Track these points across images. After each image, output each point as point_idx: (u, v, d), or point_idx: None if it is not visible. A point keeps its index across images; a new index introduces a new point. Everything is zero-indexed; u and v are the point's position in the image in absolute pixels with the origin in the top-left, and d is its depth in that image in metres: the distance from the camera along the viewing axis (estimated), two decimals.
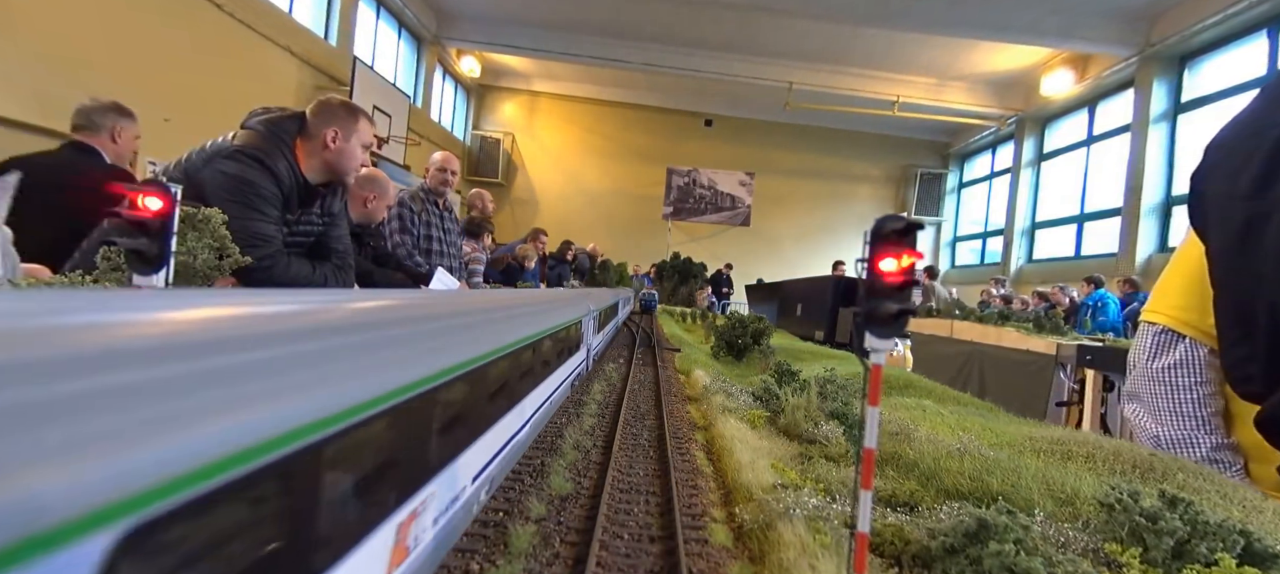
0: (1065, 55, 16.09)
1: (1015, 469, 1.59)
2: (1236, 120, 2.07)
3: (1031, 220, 18.50)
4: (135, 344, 0.46)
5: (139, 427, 0.40)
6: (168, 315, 0.53)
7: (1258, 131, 1.91)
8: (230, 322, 0.59)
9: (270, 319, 0.64)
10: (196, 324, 0.55)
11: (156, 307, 0.55)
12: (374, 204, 4.62)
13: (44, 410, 0.35)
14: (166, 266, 1.34)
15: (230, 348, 0.53)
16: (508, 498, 1.50)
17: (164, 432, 0.42)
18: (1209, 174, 2.06)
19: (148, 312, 0.52)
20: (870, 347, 0.81)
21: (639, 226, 22.96)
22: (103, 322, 0.47)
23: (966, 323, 7.81)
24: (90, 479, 0.36)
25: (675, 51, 17.90)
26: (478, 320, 1.23)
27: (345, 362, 0.66)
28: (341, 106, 3.29)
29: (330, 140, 3.16)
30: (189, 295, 0.70)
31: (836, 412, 2.18)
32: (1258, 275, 1.81)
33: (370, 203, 4.58)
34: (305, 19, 12.47)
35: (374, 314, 0.84)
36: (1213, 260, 2.01)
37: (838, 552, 1.11)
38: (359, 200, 4.47)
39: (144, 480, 0.39)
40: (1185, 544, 1.11)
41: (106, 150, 4.06)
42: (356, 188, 4.50)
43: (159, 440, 0.41)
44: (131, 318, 0.49)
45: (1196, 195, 2.10)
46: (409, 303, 1.02)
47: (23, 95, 6.93)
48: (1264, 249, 1.78)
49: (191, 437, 0.44)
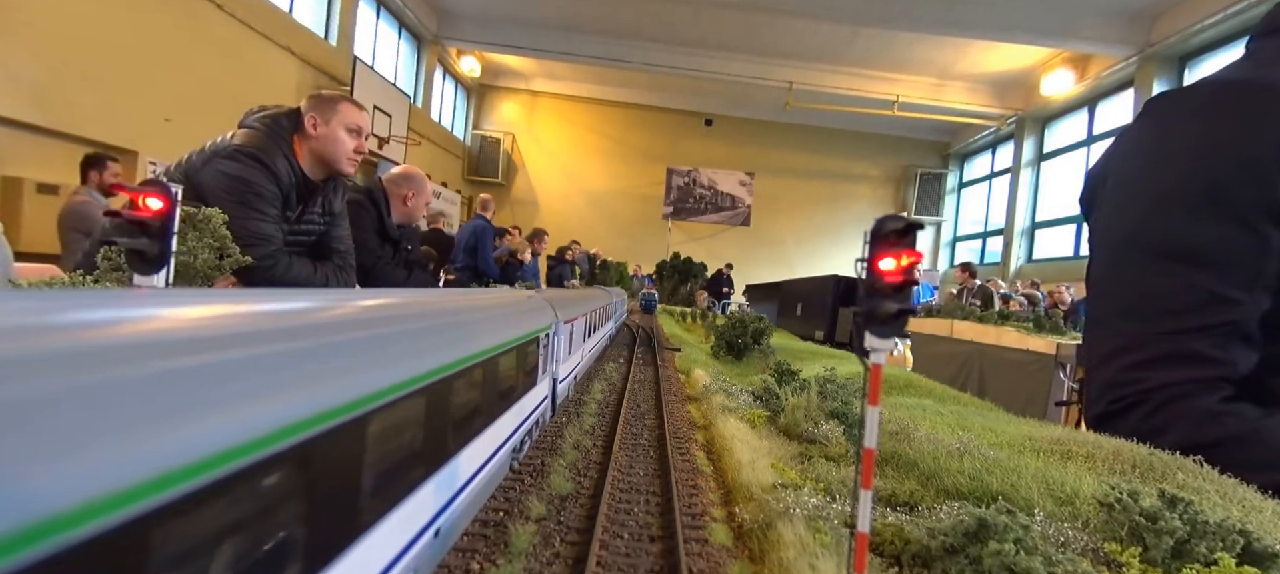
0: (1065, 55, 16.09)
1: (1015, 469, 1.59)
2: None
3: (1031, 220, 18.50)
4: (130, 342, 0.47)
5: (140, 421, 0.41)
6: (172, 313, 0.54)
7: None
8: (230, 319, 0.59)
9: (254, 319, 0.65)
10: (203, 322, 0.56)
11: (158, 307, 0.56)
12: (413, 202, 4.46)
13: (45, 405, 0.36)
14: (167, 266, 1.34)
15: (224, 346, 0.54)
16: (508, 498, 1.50)
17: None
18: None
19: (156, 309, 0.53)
20: (870, 346, 0.81)
21: (639, 226, 22.97)
22: (100, 320, 0.47)
23: (966, 323, 7.81)
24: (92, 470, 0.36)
25: (675, 51, 17.90)
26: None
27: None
28: (321, 95, 3.26)
29: (311, 127, 3.14)
30: (188, 295, 0.71)
31: (836, 411, 2.18)
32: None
33: (409, 200, 4.43)
34: (305, 19, 12.47)
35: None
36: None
37: (838, 551, 1.11)
38: (398, 199, 4.38)
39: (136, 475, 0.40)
40: (1185, 544, 1.11)
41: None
42: (393, 187, 4.42)
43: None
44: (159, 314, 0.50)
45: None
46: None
47: (23, 95, 6.93)
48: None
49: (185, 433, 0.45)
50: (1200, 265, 1.93)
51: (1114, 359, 2.11)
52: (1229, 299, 1.89)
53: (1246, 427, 1.82)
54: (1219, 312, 1.89)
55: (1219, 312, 1.89)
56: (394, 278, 4.34)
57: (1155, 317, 2.01)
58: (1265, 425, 1.82)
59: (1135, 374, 2.02)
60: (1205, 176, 1.95)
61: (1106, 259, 2.24)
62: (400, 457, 0.88)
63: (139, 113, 8.35)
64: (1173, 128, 2.14)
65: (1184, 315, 1.94)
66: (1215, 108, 2.07)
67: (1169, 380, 1.94)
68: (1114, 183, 2.23)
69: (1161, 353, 1.97)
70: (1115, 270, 2.20)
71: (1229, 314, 1.89)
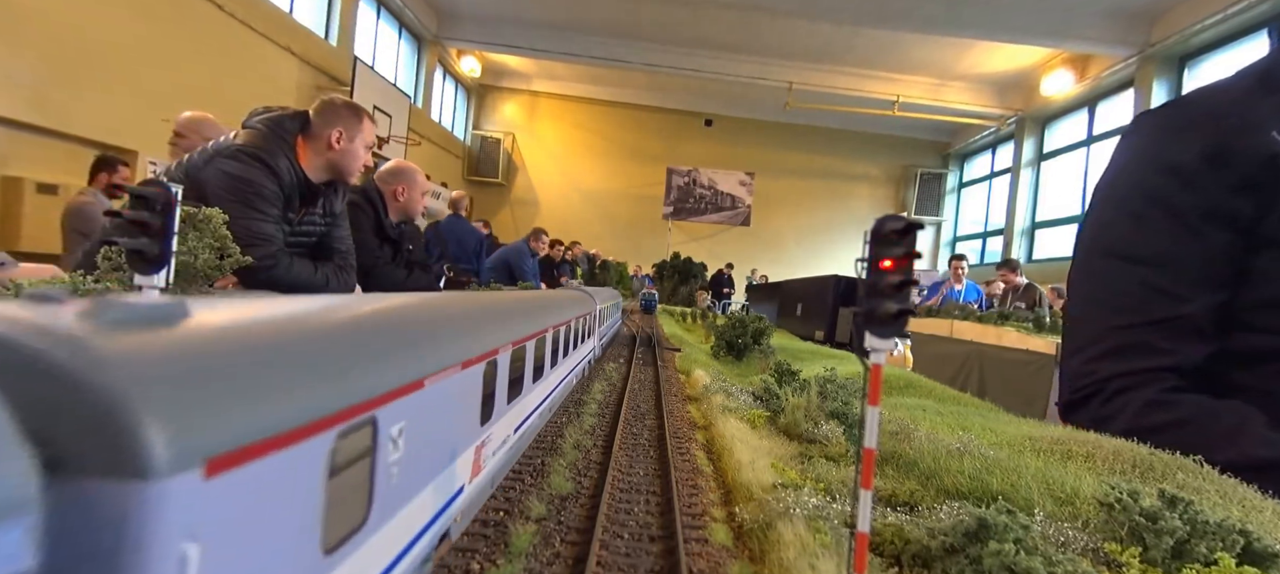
0: (1065, 55, 16.09)
1: (1015, 469, 1.59)
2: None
3: (1031, 220, 18.50)
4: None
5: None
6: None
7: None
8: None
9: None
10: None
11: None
12: (406, 196, 4.40)
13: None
14: (167, 266, 1.34)
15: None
16: (508, 497, 1.50)
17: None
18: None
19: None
20: (870, 346, 0.81)
21: (639, 226, 22.96)
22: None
23: (966, 323, 7.80)
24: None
25: (675, 51, 17.90)
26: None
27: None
28: (346, 107, 3.30)
29: (335, 140, 3.17)
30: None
31: (836, 411, 2.18)
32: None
33: (401, 196, 4.37)
34: (306, 19, 12.48)
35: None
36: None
37: (838, 551, 1.11)
38: (391, 196, 4.32)
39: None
40: (1185, 544, 1.11)
41: None
42: (384, 185, 4.37)
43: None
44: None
45: None
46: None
47: (23, 95, 6.93)
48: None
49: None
50: (1148, 265, 2.09)
51: (1078, 352, 2.28)
52: (1176, 295, 2.02)
53: (1183, 414, 1.93)
54: (1167, 307, 2.02)
55: (1167, 307, 2.02)
56: (394, 278, 4.33)
57: (1111, 313, 2.17)
58: (1200, 414, 1.92)
59: (1092, 365, 2.18)
60: (1146, 185, 2.16)
61: (1079, 262, 2.41)
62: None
63: (139, 113, 8.34)
64: (1132, 143, 2.36)
65: (1135, 311, 2.09)
66: (1151, 123, 2.34)
67: (1119, 371, 2.09)
68: (1094, 195, 2.43)
69: (1115, 346, 2.12)
70: (1083, 272, 2.39)
71: (1176, 309, 2.01)
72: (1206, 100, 2.20)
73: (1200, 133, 2.02)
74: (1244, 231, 1.96)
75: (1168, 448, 1.72)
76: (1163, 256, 2.06)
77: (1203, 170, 1.98)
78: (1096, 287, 2.29)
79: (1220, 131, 1.97)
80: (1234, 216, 1.96)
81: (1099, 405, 2.12)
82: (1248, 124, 1.93)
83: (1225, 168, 1.95)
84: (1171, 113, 2.32)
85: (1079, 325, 2.36)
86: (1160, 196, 2.08)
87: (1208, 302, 1.99)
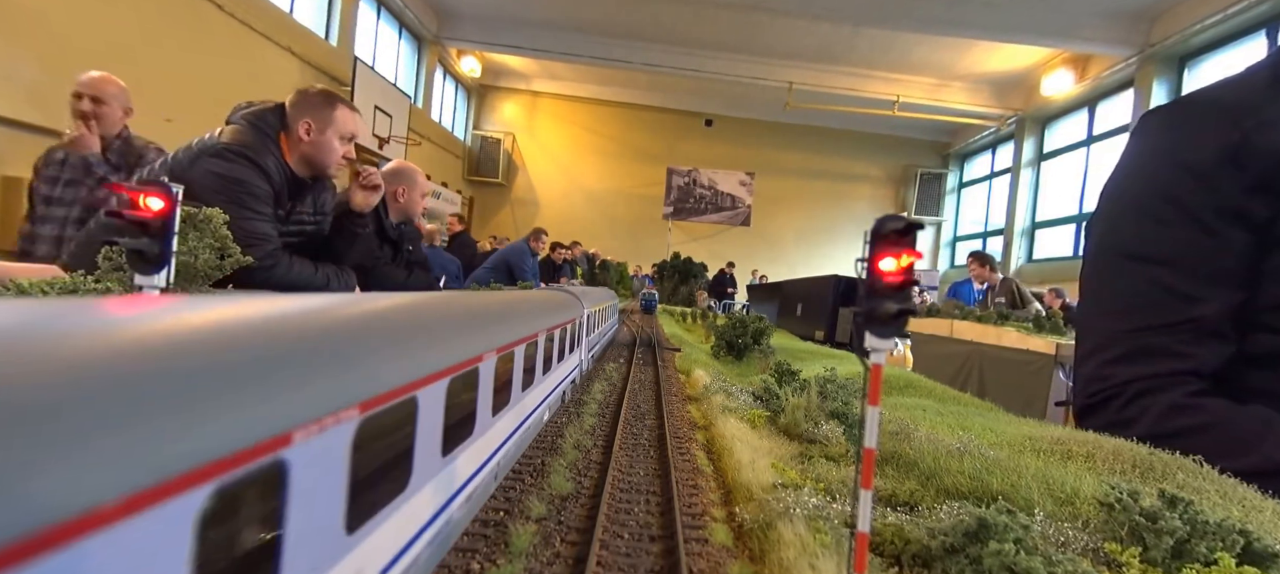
0: (1065, 55, 16.10)
1: (1015, 469, 1.59)
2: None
3: (1031, 220, 18.51)
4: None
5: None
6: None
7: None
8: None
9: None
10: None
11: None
12: (406, 197, 4.35)
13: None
14: (168, 266, 1.34)
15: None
16: (508, 497, 1.50)
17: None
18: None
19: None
20: (870, 346, 0.81)
21: (639, 226, 22.97)
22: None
23: (966, 323, 7.80)
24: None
25: (675, 51, 17.90)
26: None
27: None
28: (317, 95, 3.20)
29: (304, 132, 3.10)
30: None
31: (836, 411, 2.17)
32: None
33: (401, 196, 4.32)
34: (306, 19, 12.48)
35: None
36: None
37: (838, 551, 1.11)
38: (390, 197, 4.27)
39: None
40: (1185, 544, 1.11)
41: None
42: (384, 183, 4.39)
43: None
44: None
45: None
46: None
47: (23, 95, 6.93)
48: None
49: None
50: (1164, 266, 2.06)
51: (1093, 356, 2.24)
52: (1193, 297, 1.99)
53: (1206, 419, 1.90)
54: (1184, 309, 1.99)
55: (1184, 309, 1.99)
56: (394, 278, 4.31)
57: (1127, 315, 2.14)
58: (1224, 418, 1.89)
59: (1109, 369, 2.14)
60: (1160, 184, 2.11)
61: (1090, 264, 2.38)
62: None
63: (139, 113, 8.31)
64: (1142, 141, 2.31)
65: (1152, 313, 2.06)
66: (1162, 122, 2.27)
67: (1139, 375, 2.05)
68: (1102, 195, 2.39)
69: (1132, 349, 2.08)
70: (1096, 274, 2.34)
71: (1194, 311, 1.98)
72: (1220, 98, 2.14)
73: (1217, 131, 1.98)
74: (1258, 232, 1.93)
75: (1191, 453, 1.68)
76: (1181, 257, 2.02)
77: (1220, 169, 1.95)
78: (1110, 288, 2.25)
79: (1239, 130, 1.93)
80: (1249, 216, 1.93)
81: (1118, 409, 2.08)
82: (1263, 123, 1.90)
83: (1243, 167, 1.92)
84: (1183, 111, 2.26)
85: (1093, 328, 2.32)
86: (1175, 195, 2.04)
87: (1225, 303, 1.96)
